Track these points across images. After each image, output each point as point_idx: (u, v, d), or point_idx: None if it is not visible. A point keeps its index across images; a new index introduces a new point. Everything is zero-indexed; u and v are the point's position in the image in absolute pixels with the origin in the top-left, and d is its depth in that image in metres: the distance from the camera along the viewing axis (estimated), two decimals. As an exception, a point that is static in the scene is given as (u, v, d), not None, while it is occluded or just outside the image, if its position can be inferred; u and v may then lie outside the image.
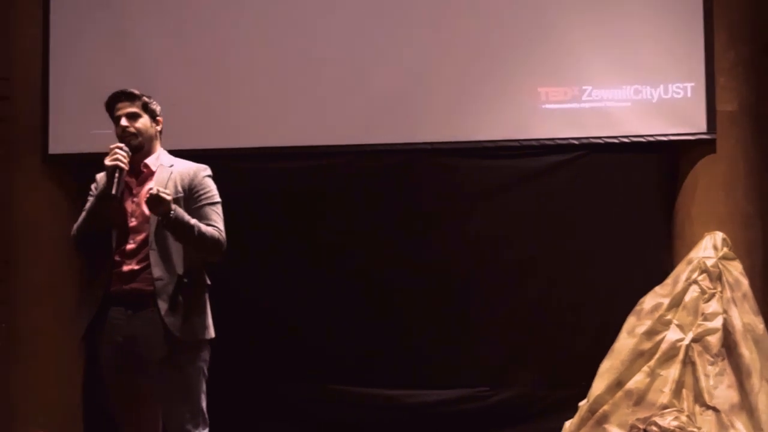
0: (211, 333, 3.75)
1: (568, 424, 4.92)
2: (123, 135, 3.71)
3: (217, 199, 3.79)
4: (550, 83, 5.27)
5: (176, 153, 3.93)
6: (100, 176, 3.78)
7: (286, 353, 5.49)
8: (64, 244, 5.41)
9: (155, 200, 3.47)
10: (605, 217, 5.31)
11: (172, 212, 3.51)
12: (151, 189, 3.51)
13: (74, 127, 5.56)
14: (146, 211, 3.59)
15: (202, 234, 3.62)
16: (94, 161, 3.91)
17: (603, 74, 5.23)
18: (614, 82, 5.24)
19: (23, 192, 5.64)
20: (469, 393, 5.38)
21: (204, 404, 3.70)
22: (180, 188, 3.71)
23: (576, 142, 5.28)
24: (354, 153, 5.45)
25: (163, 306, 3.60)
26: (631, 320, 4.91)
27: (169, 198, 3.49)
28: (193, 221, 3.61)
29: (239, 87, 5.48)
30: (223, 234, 3.73)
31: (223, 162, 4.89)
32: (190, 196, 3.72)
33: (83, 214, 3.75)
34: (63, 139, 5.61)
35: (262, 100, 5.47)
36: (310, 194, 5.48)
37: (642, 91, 5.21)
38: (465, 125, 5.33)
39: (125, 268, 3.64)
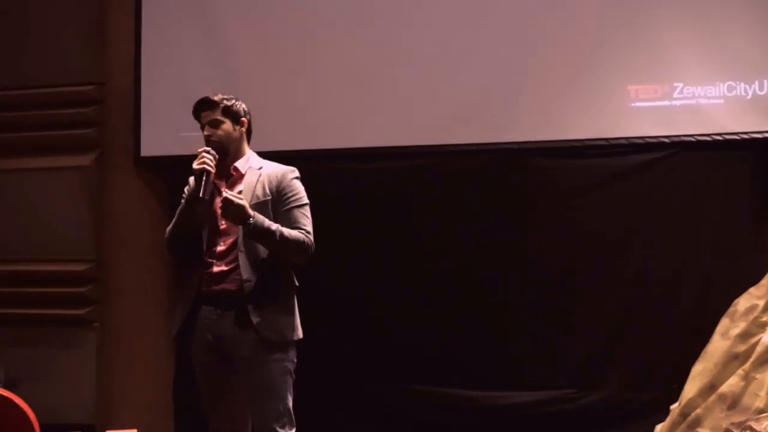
0: (299, 334, 3.79)
1: (659, 427, 4.83)
2: (207, 143, 3.78)
3: (305, 201, 3.82)
4: (639, 81, 5.17)
5: (265, 154, 3.98)
6: (193, 179, 3.86)
7: (374, 354, 5.51)
8: (156, 245, 5.53)
9: (227, 204, 3.55)
10: (697, 216, 5.19)
11: (251, 219, 3.57)
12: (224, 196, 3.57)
13: (165, 129, 5.67)
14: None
15: (285, 238, 3.65)
16: (184, 163, 3.97)
17: (695, 71, 5.11)
18: (706, 78, 5.11)
19: (116, 193, 5.77)
20: (557, 395, 5.31)
21: (290, 404, 3.74)
22: (268, 191, 3.76)
23: (666, 140, 5.17)
24: (441, 153, 5.44)
25: (251, 307, 3.65)
26: (724, 322, 4.79)
27: (240, 201, 3.55)
28: (275, 226, 3.64)
29: (326, 88, 5.51)
30: (311, 236, 3.75)
31: (310, 163, 4.93)
32: (278, 199, 3.76)
33: (175, 217, 3.83)
34: (154, 142, 5.72)
35: (349, 101, 5.49)
36: (397, 195, 5.48)
37: (736, 88, 5.08)
38: (553, 125, 5.28)
39: (215, 269, 3.71)
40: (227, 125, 3.81)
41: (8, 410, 3.25)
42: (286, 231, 3.67)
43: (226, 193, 3.60)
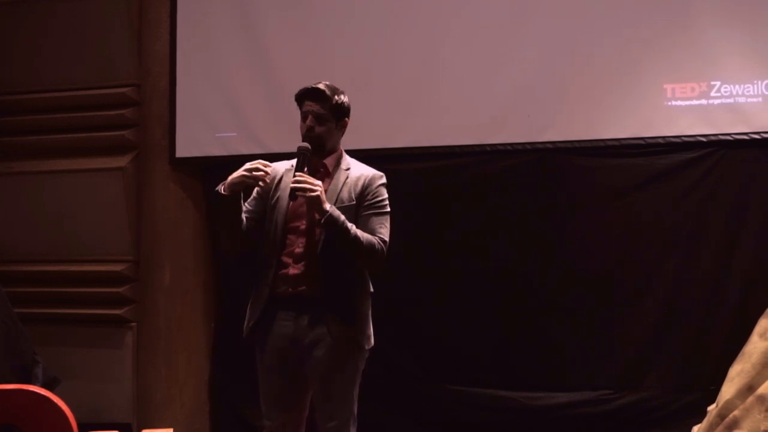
0: (371, 342, 3.73)
1: (696, 429, 4.77)
2: (306, 135, 3.67)
3: (387, 209, 3.70)
4: (676, 79, 5.12)
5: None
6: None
7: (412, 354, 5.52)
8: (192, 245, 5.58)
9: (301, 182, 3.45)
10: (737, 216, 5.13)
11: (327, 205, 3.46)
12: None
13: (200, 130, 5.70)
14: (316, 215, 3.54)
15: (358, 240, 3.53)
16: (219, 164, 3.99)
17: (732, 69, 5.04)
18: (745, 76, 5.04)
19: (153, 194, 5.81)
20: (594, 396, 5.27)
21: (356, 410, 3.70)
22: (353, 195, 3.65)
23: (704, 139, 5.11)
24: (478, 153, 5.42)
25: (327, 311, 3.58)
26: (762, 323, 4.70)
27: (314, 194, 3.43)
28: (351, 225, 3.53)
29: (363, 89, 5.45)
30: (385, 246, 3.63)
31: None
32: (361, 203, 3.65)
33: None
34: (190, 143, 5.75)
35: (386, 102, 5.48)
36: (434, 195, 5.48)
37: (775, 86, 5.03)
38: (589, 124, 5.25)
39: (292, 271, 3.61)
40: (331, 123, 3.71)
41: (47, 409, 3.28)
42: (361, 233, 3.55)
43: (303, 176, 3.46)
